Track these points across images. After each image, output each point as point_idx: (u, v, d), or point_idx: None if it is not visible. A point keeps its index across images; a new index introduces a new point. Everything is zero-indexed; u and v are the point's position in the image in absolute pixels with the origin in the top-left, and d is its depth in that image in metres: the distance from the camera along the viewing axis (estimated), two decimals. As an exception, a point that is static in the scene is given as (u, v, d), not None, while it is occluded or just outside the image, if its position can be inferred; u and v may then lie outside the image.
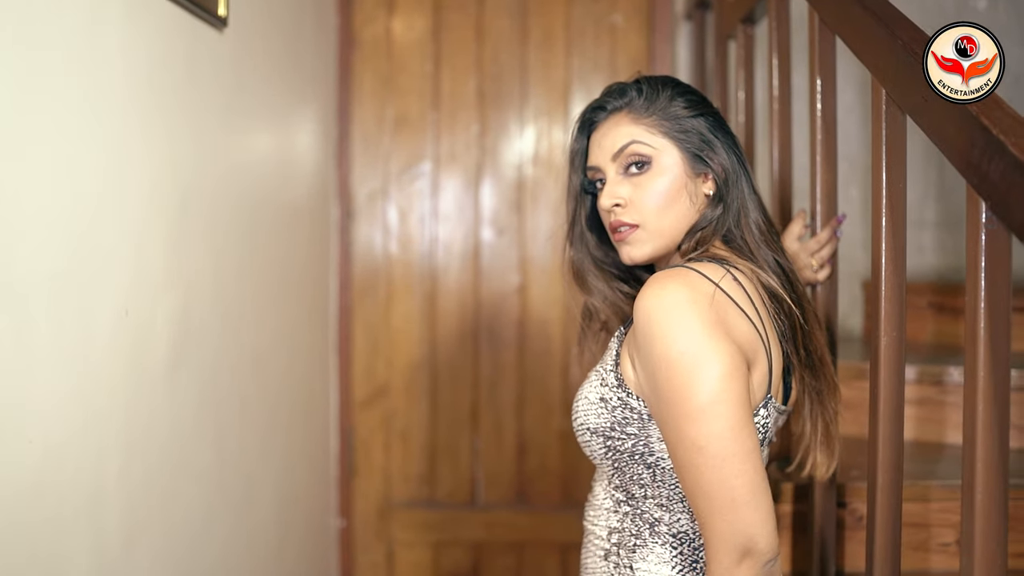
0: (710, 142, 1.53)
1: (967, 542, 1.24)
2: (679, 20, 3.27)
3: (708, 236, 1.51)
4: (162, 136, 1.78)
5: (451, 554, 3.39)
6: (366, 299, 3.37)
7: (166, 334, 1.80)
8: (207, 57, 2.00)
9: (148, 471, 1.74)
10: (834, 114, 1.82)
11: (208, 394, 2.03)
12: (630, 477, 1.48)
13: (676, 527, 1.47)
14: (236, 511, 2.23)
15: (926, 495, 1.92)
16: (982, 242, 1.19)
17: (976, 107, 1.18)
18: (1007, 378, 1.20)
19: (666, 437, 1.37)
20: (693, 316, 1.34)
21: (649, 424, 1.44)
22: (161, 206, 1.77)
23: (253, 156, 2.36)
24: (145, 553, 1.72)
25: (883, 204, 1.49)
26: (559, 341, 3.34)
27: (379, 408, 3.38)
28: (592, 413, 1.48)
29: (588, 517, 1.59)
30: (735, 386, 1.33)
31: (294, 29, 2.77)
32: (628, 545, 1.49)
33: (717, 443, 1.31)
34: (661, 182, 1.50)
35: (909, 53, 1.36)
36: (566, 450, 3.36)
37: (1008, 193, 1.11)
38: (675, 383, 1.33)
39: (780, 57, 2.09)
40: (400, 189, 3.38)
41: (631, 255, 1.53)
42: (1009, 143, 1.10)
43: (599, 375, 1.51)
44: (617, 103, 1.56)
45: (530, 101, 3.36)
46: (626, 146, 1.51)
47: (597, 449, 1.49)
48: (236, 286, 2.22)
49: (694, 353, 1.32)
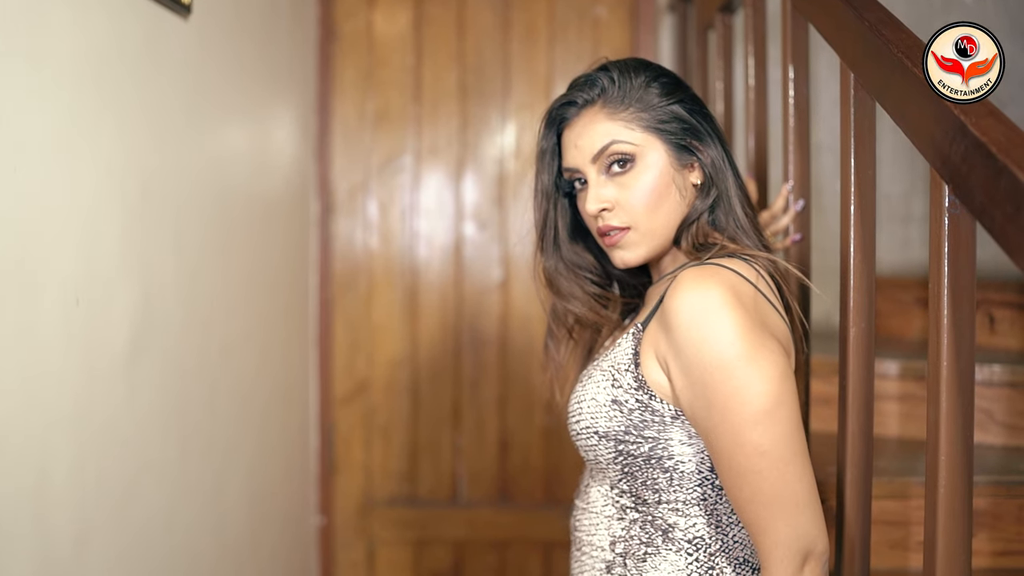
0: (693, 130, 1.46)
1: (930, 539, 1.20)
2: (662, 12, 3.23)
3: (705, 229, 1.46)
4: (116, 122, 1.74)
5: (432, 552, 3.36)
6: (346, 294, 3.34)
7: (124, 325, 1.76)
8: (169, 44, 1.97)
9: (103, 468, 1.70)
10: (807, 101, 1.79)
11: (172, 388, 2.00)
12: (642, 482, 1.42)
13: (692, 532, 1.41)
14: (203, 509, 2.19)
15: (905, 492, 1.88)
16: (945, 227, 1.15)
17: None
18: (971, 367, 1.17)
19: (718, 444, 1.31)
20: (742, 317, 1.29)
21: (670, 427, 1.38)
22: (116, 193, 1.73)
23: (224, 147, 2.33)
24: (98, 554, 1.68)
25: (851, 190, 1.46)
26: (541, 337, 3.28)
27: (360, 404, 3.34)
28: (602, 416, 1.42)
29: (581, 526, 1.52)
30: (789, 386, 1.30)
31: (268, 20, 2.73)
32: (637, 554, 1.43)
33: (780, 446, 1.28)
34: (647, 179, 1.43)
35: (876, 35, 1.33)
36: (549, 448, 3.32)
37: (969, 175, 1.07)
38: (731, 388, 1.28)
39: (756, 45, 2.07)
40: (381, 183, 3.34)
41: (624, 259, 1.47)
42: (970, 123, 1.07)
43: (608, 375, 1.43)
44: (588, 95, 1.47)
45: (512, 95, 3.33)
46: (606, 147, 1.43)
47: (605, 453, 1.43)
48: (205, 278, 2.19)
49: (750, 356, 1.28)
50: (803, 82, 1.79)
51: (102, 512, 1.69)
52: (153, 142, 1.90)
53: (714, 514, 1.42)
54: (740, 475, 1.29)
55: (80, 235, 1.61)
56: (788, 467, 1.28)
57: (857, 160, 1.45)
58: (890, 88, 1.29)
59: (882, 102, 1.34)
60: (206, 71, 2.19)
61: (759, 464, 1.28)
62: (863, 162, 1.45)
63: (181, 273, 2.04)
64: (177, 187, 2.02)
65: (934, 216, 1.17)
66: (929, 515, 1.20)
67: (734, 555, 1.42)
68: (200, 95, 2.16)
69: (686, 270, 1.36)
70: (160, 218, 1.94)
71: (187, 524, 2.09)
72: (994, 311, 2.43)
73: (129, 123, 1.80)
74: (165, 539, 1.97)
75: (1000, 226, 1.01)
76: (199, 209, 2.15)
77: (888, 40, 1.30)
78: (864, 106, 1.44)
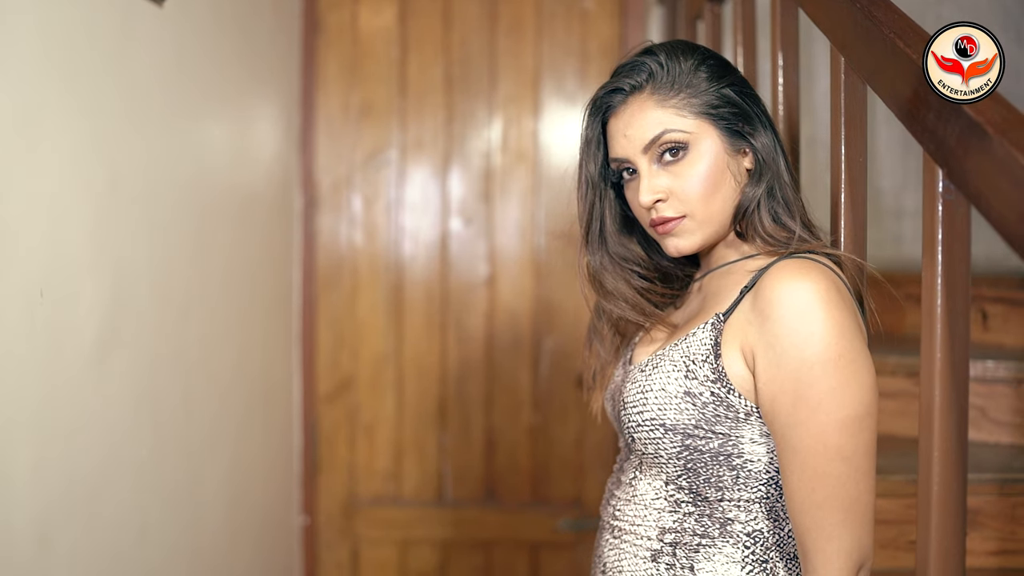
0: (744, 114, 1.40)
1: (923, 537, 1.16)
2: (651, 4, 3.19)
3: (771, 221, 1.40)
4: (85, 110, 1.69)
5: (418, 553, 3.30)
6: (330, 290, 3.28)
7: (92, 319, 1.71)
8: (143, 31, 1.92)
9: (70, 466, 1.65)
10: (796, 88, 1.75)
11: (145, 384, 1.95)
12: (705, 479, 1.37)
13: (752, 526, 1.37)
14: (178, 509, 2.14)
15: (896, 491, 1.84)
16: (939, 213, 1.11)
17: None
18: (966, 359, 1.12)
19: (798, 443, 1.27)
20: (846, 317, 1.26)
21: (743, 424, 1.34)
22: (84, 183, 1.68)
23: (202, 139, 2.28)
24: (64, 555, 1.63)
25: (842, 177, 1.41)
26: (528, 335, 3.26)
27: (344, 402, 3.29)
28: (671, 408, 1.36)
29: (624, 516, 1.45)
30: (877, 396, 1.28)
31: (250, 11, 2.68)
32: (690, 545, 1.37)
33: (862, 455, 1.26)
34: (702, 167, 1.37)
35: (866, 16, 1.29)
36: (536, 446, 3.27)
37: (964, 159, 1.03)
38: (828, 387, 1.25)
39: (745, 35, 2.03)
40: (365, 178, 3.29)
41: (679, 247, 1.41)
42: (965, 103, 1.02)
43: (679, 365, 1.37)
44: (635, 81, 1.41)
45: (499, 88, 3.28)
46: (659, 136, 1.37)
47: (669, 447, 1.37)
48: (181, 273, 2.14)
49: (852, 359, 1.25)
50: (793, 69, 1.74)
51: (68, 512, 1.64)
52: (126, 132, 1.85)
53: (773, 509, 1.38)
54: (816, 477, 1.26)
55: (45, 225, 1.56)
56: (864, 477, 1.27)
57: (848, 145, 1.41)
58: (882, 70, 1.25)
59: (873, 85, 1.30)
60: (183, 61, 2.14)
61: (840, 469, 1.25)
62: (854, 147, 1.41)
63: (155, 267, 1.99)
64: (152, 178, 1.97)
65: (927, 202, 1.12)
66: (923, 512, 1.15)
67: (786, 550, 1.39)
68: (177, 85, 2.11)
69: (783, 261, 1.32)
70: (133, 210, 1.89)
71: (160, 524, 2.04)
72: (987, 307, 2.40)
73: (99, 111, 1.75)
74: (137, 539, 1.92)
75: (997, 212, 0.97)
76: (175, 202, 2.10)
77: (879, 21, 1.26)
78: (855, 90, 1.40)
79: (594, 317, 1.62)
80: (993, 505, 1.82)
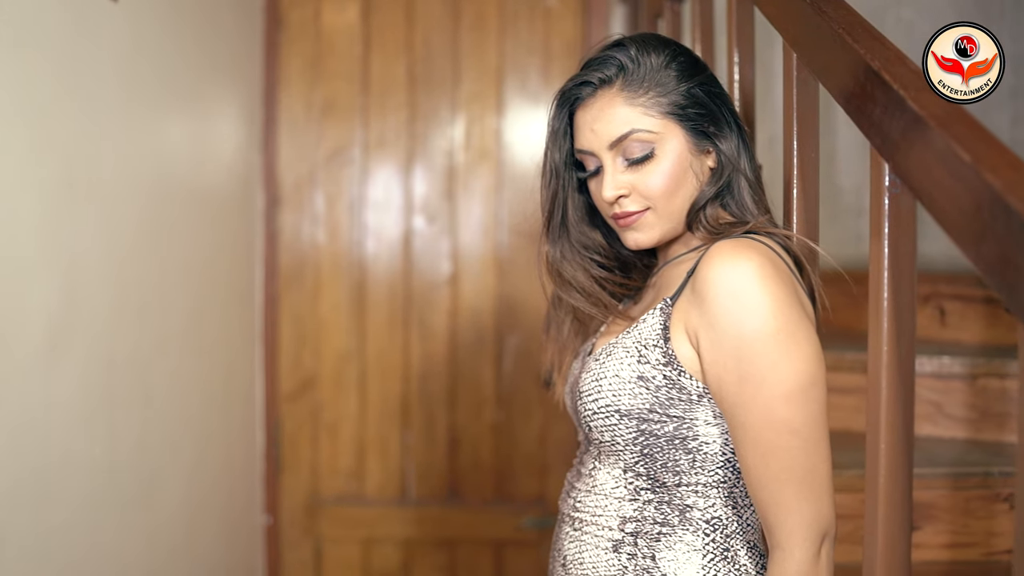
0: (712, 115, 1.41)
1: (870, 527, 1.17)
2: (614, 3, 3.20)
3: (717, 212, 1.42)
4: (34, 104, 1.67)
5: (381, 551, 3.29)
6: (293, 288, 3.27)
7: (42, 316, 1.69)
8: (98, 27, 1.90)
9: (17, 466, 1.62)
10: (752, 84, 1.76)
11: (99, 382, 1.93)
12: (662, 464, 1.38)
13: (710, 512, 1.38)
14: (135, 509, 2.12)
15: (852, 486, 1.85)
16: (885, 207, 1.12)
17: (877, 61, 1.11)
18: (911, 351, 1.13)
19: (747, 419, 1.28)
20: (782, 291, 1.27)
21: (696, 406, 1.35)
22: (34, 178, 1.66)
23: (160, 136, 2.26)
24: (12, 558, 1.60)
25: (794, 173, 1.42)
26: (491, 332, 3.26)
27: (306, 401, 3.27)
28: (626, 393, 1.37)
29: (584, 507, 1.45)
30: (822, 366, 1.28)
31: (210, 6, 2.66)
32: (650, 534, 1.38)
33: (812, 426, 1.27)
34: (665, 166, 1.38)
35: (817, 12, 1.30)
36: (499, 444, 3.27)
37: (909, 152, 1.04)
38: (769, 362, 1.25)
39: (703, 31, 2.04)
40: (328, 176, 3.28)
41: (638, 241, 1.43)
42: (909, 97, 1.04)
43: (631, 351, 1.38)
44: (605, 75, 1.41)
45: (462, 86, 3.27)
46: (626, 135, 1.38)
47: (625, 433, 1.38)
48: (137, 270, 2.12)
49: (791, 332, 1.26)
50: (748, 66, 1.76)
51: (16, 513, 1.62)
52: (80, 128, 1.83)
53: (732, 495, 1.39)
54: (768, 452, 1.27)
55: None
56: (816, 447, 1.27)
57: (800, 142, 1.42)
58: (831, 66, 1.26)
59: (824, 81, 1.32)
60: (140, 57, 2.12)
61: (790, 442, 1.26)
62: (806, 144, 1.42)
63: (111, 264, 1.97)
64: (108, 175, 1.95)
65: (875, 196, 1.13)
66: (870, 502, 1.17)
67: (748, 538, 1.40)
68: (134, 81, 2.09)
69: (719, 242, 1.33)
70: (87, 207, 1.87)
71: (116, 525, 2.02)
72: (945, 304, 2.42)
73: (52, 108, 1.73)
74: (90, 540, 1.90)
75: (939, 204, 0.98)
76: (133, 199, 2.08)
77: (829, 17, 1.27)
78: (807, 87, 1.41)
79: (552, 304, 1.63)
80: (947, 499, 1.84)
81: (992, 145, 0.91)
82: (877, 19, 2.89)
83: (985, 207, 0.87)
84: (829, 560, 1.31)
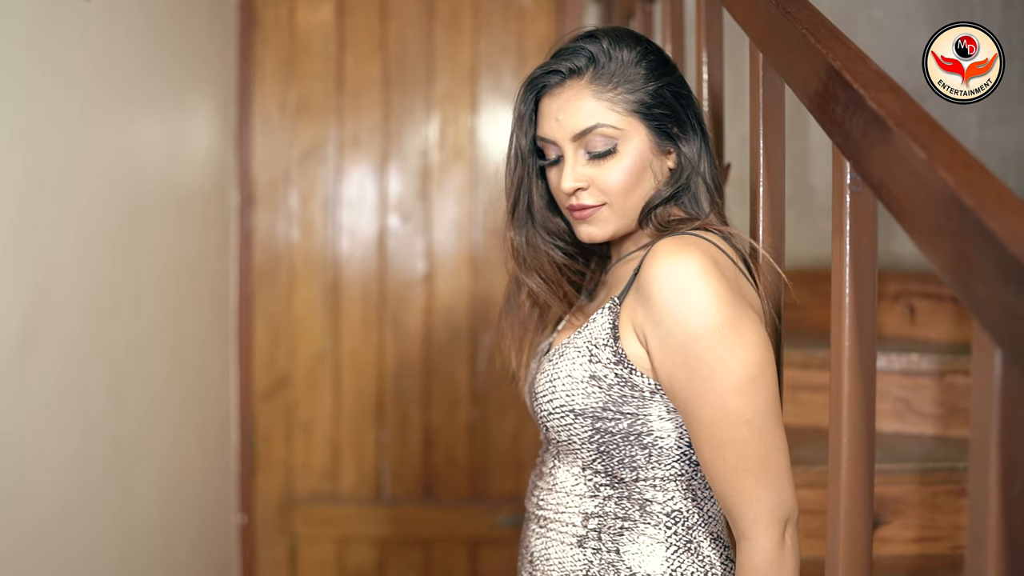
0: (676, 117, 1.42)
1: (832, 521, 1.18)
2: (587, 2, 3.21)
3: (668, 210, 1.44)
4: (3, 103, 1.66)
5: (356, 550, 3.30)
6: (267, 287, 3.26)
7: (14, 315, 1.69)
8: (69, 24, 1.90)
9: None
10: (720, 84, 1.77)
11: (72, 381, 1.92)
12: (619, 460, 1.39)
13: (670, 505, 1.39)
14: (108, 508, 2.11)
15: (819, 481, 1.85)
16: (847, 204, 1.14)
17: (838, 61, 1.13)
18: (872, 348, 1.15)
19: (700, 414, 1.30)
20: (723, 286, 1.28)
21: (649, 402, 1.36)
22: (3, 178, 1.66)
23: (134, 133, 2.26)
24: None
25: (760, 172, 1.44)
26: (466, 331, 3.27)
27: (281, 400, 3.27)
28: (579, 393, 1.38)
29: (548, 505, 1.47)
30: (770, 356, 1.30)
31: (183, 5, 2.66)
32: (613, 528, 1.40)
33: (764, 415, 1.28)
34: (626, 163, 1.39)
35: (782, 13, 1.32)
36: (473, 443, 3.28)
37: (869, 150, 1.05)
38: (716, 356, 1.27)
39: (673, 31, 2.05)
40: (302, 175, 3.28)
41: (591, 235, 1.44)
42: (869, 97, 1.05)
43: (583, 351, 1.40)
44: (574, 65, 1.41)
45: (436, 85, 3.28)
46: (590, 129, 1.39)
47: (580, 432, 1.39)
48: (111, 268, 2.11)
49: (736, 324, 1.27)
50: (717, 66, 1.77)
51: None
52: (51, 125, 1.83)
53: (691, 488, 1.40)
54: (724, 444, 1.29)
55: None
56: (770, 436, 1.29)
57: (766, 140, 1.43)
58: (796, 65, 1.28)
59: (788, 80, 1.33)
60: (113, 54, 2.12)
61: (744, 432, 1.28)
62: (772, 142, 1.43)
63: (83, 262, 1.97)
64: (80, 173, 1.95)
65: (836, 193, 1.15)
66: (832, 495, 1.18)
67: (711, 530, 1.42)
68: (106, 79, 2.08)
69: (662, 240, 1.34)
70: (58, 204, 1.86)
71: (89, 524, 2.02)
72: (915, 302, 2.44)
73: (21, 105, 1.72)
74: (63, 539, 1.89)
75: (897, 201, 0.99)
76: (105, 196, 2.08)
77: (794, 18, 1.28)
78: (773, 86, 1.43)
79: (511, 288, 1.63)
80: (914, 494, 1.86)
81: (947, 144, 0.93)
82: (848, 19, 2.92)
83: (940, 204, 0.89)
84: (794, 544, 1.33)
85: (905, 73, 2.94)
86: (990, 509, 0.81)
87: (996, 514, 0.81)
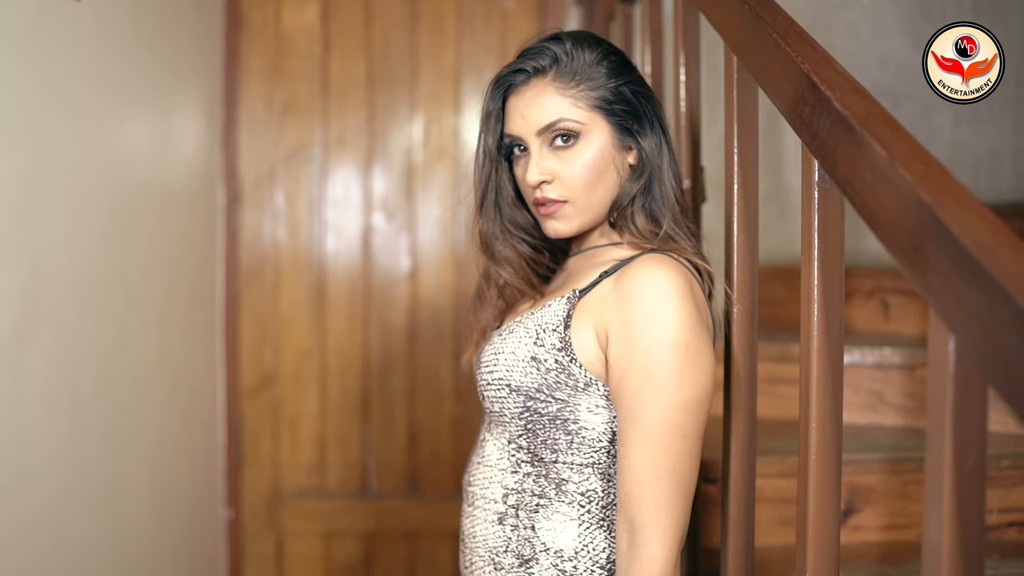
0: (636, 114, 1.49)
1: (801, 509, 1.23)
2: (569, 4, 3.26)
3: (643, 217, 1.49)
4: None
5: (342, 544, 3.34)
6: (253, 285, 3.30)
7: (4, 311, 1.72)
8: (59, 24, 1.93)
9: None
10: (697, 87, 1.82)
11: (63, 376, 1.96)
12: (543, 441, 1.45)
13: (585, 485, 1.45)
14: (99, 503, 2.15)
15: (793, 471, 1.91)
16: (815, 201, 1.18)
17: (807, 64, 1.18)
18: (840, 342, 1.20)
19: (643, 416, 1.35)
20: (695, 312, 1.36)
21: (580, 393, 1.42)
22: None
23: (121, 133, 2.29)
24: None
25: (735, 172, 1.48)
26: (450, 328, 3.31)
27: (267, 396, 3.31)
28: (517, 370, 1.45)
29: (476, 480, 1.54)
30: (714, 388, 1.37)
31: (171, 6, 2.69)
32: (529, 506, 1.46)
33: (696, 437, 1.35)
34: (588, 156, 1.46)
35: (755, 17, 1.36)
36: (458, 438, 3.33)
37: (835, 149, 1.10)
38: (677, 369, 1.33)
39: (652, 34, 2.10)
40: (288, 174, 3.32)
41: (557, 230, 1.50)
42: (835, 98, 1.10)
43: (531, 332, 1.46)
44: (539, 64, 1.48)
45: (420, 86, 3.33)
46: (554, 123, 1.45)
47: (511, 407, 1.46)
48: (101, 265, 2.15)
49: (699, 348, 1.35)
50: (694, 69, 1.82)
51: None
52: (43, 124, 1.86)
53: (606, 475, 1.46)
54: (658, 451, 1.34)
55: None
56: (696, 458, 1.36)
57: (740, 141, 1.48)
58: (768, 68, 1.32)
59: (762, 83, 1.37)
60: (102, 54, 2.15)
61: (680, 445, 1.34)
62: (746, 143, 1.48)
63: (74, 259, 2.00)
64: (71, 171, 1.98)
65: (805, 191, 1.20)
66: (801, 484, 1.23)
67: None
68: (95, 78, 2.12)
69: (648, 254, 1.42)
70: (51, 202, 1.90)
71: (80, 518, 2.05)
72: (888, 298, 2.49)
73: (14, 103, 1.76)
74: (54, 533, 1.93)
75: (861, 198, 1.04)
76: (95, 194, 2.11)
77: (766, 21, 1.33)
78: (747, 88, 1.47)
79: (482, 281, 1.69)
80: (885, 483, 1.91)
81: (908, 143, 0.98)
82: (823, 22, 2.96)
83: (900, 200, 0.94)
84: (679, 567, 1.38)
85: (879, 74, 3.02)
86: (944, 485, 0.86)
87: (950, 489, 0.86)
